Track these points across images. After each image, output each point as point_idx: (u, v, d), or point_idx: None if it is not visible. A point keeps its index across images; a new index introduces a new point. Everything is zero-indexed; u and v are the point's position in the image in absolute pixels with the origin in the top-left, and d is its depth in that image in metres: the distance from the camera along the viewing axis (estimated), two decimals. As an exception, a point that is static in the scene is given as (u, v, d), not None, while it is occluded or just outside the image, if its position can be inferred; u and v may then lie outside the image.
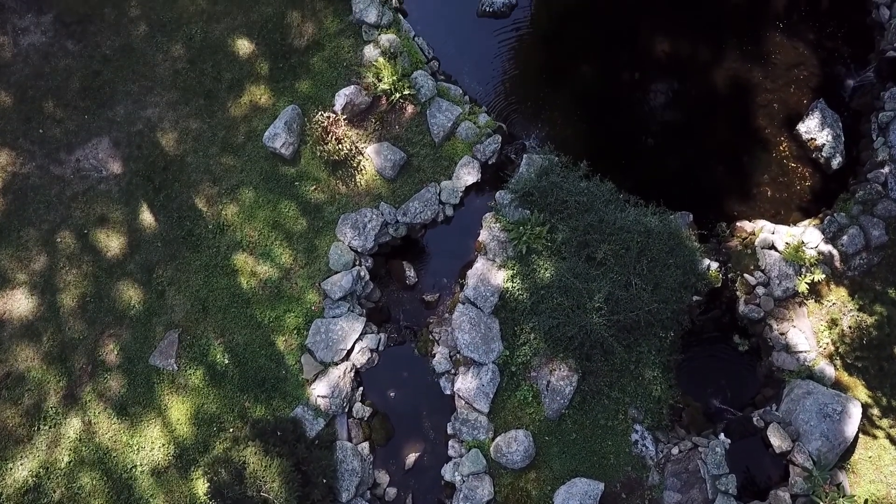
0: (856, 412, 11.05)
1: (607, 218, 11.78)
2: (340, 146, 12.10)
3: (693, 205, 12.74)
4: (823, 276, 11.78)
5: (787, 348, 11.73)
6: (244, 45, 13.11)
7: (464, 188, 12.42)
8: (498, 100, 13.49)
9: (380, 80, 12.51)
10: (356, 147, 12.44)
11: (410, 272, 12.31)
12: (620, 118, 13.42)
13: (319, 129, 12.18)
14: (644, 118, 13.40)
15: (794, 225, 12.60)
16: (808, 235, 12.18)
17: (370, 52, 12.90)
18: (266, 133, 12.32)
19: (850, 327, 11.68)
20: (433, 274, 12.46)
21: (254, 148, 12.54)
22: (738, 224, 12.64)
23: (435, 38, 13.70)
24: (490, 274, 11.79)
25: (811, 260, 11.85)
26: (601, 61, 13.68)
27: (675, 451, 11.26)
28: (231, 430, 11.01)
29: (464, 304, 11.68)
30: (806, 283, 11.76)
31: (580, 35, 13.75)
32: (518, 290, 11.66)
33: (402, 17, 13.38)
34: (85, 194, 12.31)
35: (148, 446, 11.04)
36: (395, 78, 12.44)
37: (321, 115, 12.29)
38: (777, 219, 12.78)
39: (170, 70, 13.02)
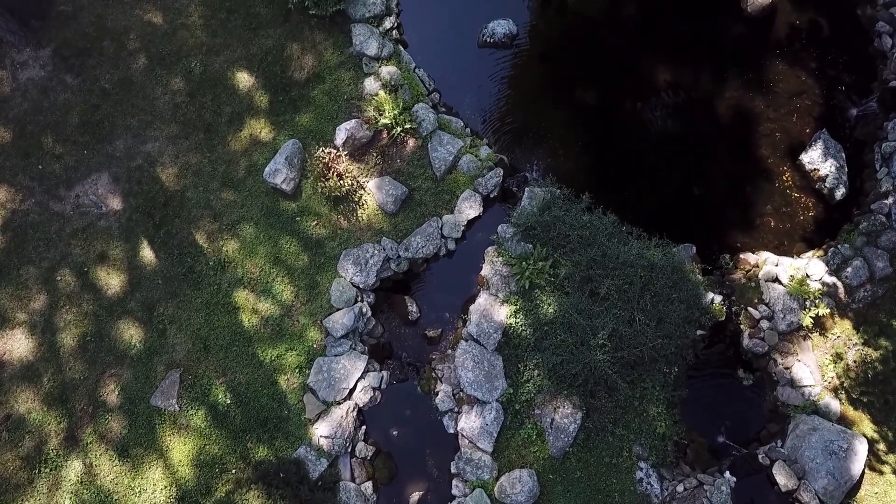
0: (862, 449, 10.98)
1: (610, 252, 11.71)
2: (342, 182, 12.04)
3: (696, 236, 12.69)
4: (828, 309, 11.71)
5: (792, 383, 11.66)
6: (244, 78, 13.05)
7: (466, 222, 12.36)
8: (499, 131, 13.43)
9: (381, 115, 12.45)
10: (357, 182, 12.38)
11: (413, 307, 12.24)
12: (622, 148, 13.35)
13: (321, 166, 12.12)
14: (646, 148, 13.33)
15: (798, 256, 12.54)
16: (812, 267, 12.11)
17: (371, 84, 12.85)
18: (267, 168, 12.25)
19: (854, 361, 11.61)
20: (435, 308, 12.39)
21: (254, 183, 12.47)
22: (741, 256, 12.58)
23: (436, 69, 13.66)
24: (493, 310, 11.72)
25: (815, 293, 11.79)
26: (603, 91, 13.62)
27: (680, 488, 11.18)
28: (234, 471, 10.93)
29: (467, 340, 11.61)
30: (810, 317, 11.69)
31: (582, 65, 13.69)
32: (521, 326, 11.59)
33: (402, 49, 13.33)
34: (85, 231, 12.24)
35: (150, 489, 10.96)
36: (396, 112, 12.39)
37: (322, 150, 12.23)
38: (780, 250, 12.71)
39: (169, 103, 12.96)
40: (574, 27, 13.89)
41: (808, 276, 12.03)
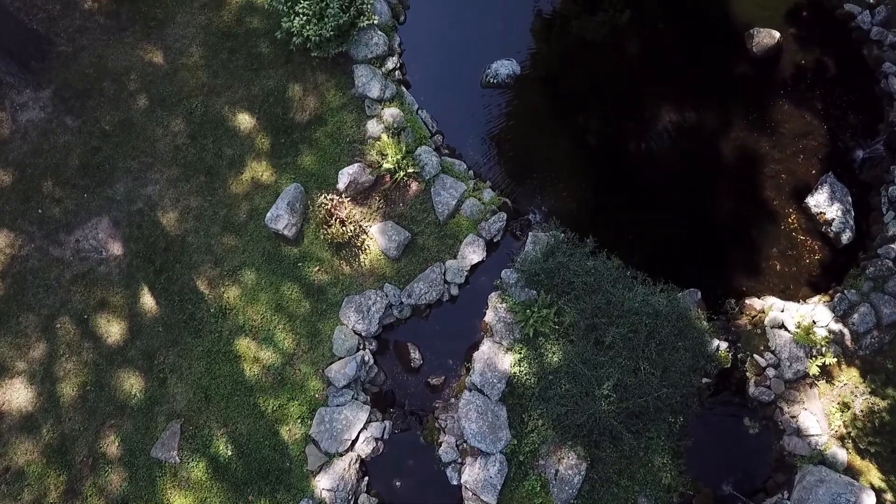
0: (869, 502, 10.87)
1: (615, 299, 11.62)
2: (344, 229, 11.93)
3: (701, 279, 12.59)
4: (834, 358, 11.61)
5: (799, 432, 11.55)
6: (245, 120, 12.94)
7: (469, 267, 12.25)
8: (502, 173, 13.33)
9: (384, 159, 12.35)
10: (360, 226, 12.27)
11: (415, 354, 12.13)
12: (627, 189, 13.24)
13: (323, 212, 12.02)
14: (651, 189, 13.22)
15: (804, 302, 12.44)
16: (819, 314, 12.02)
17: (373, 127, 12.74)
18: (268, 214, 12.14)
19: (862, 411, 11.50)
20: (438, 355, 12.27)
21: (256, 227, 12.37)
22: (747, 301, 12.47)
23: (439, 109, 13.56)
24: (497, 358, 11.61)
25: (822, 341, 11.69)
26: (607, 131, 13.52)
27: (686, 541, 11.08)
28: (235, 525, 10.83)
29: (470, 390, 11.50)
30: (817, 365, 11.59)
31: (586, 105, 13.59)
32: (526, 374, 11.49)
33: (405, 90, 13.22)
34: (85, 277, 12.13)
35: (150, 543, 10.87)
36: (399, 157, 12.29)
37: (325, 197, 12.13)
38: (786, 294, 12.62)
39: (170, 145, 12.86)
40: (578, 67, 13.78)
41: (814, 322, 11.94)
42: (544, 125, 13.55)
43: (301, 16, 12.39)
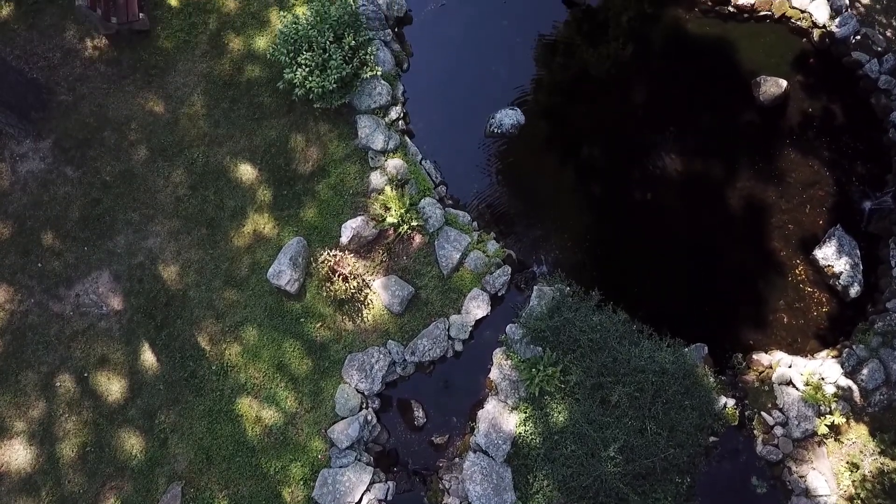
0: (880, 568, 10.74)
1: (621, 357, 11.49)
2: (347, 285, 11.80)
3: (708, 331, 12.50)
4: (843, 418, 11.48)
5: (807, 493, 11.41)
6: (247, 171, 12.82)
7: (473, 322, 12.12)
8: (507, 223, 13.19)
9: (387, 212, 12.22)
10: (363, 280, 12.14)
11: (419, 412, 11.99)
12: (632, 239, 13.11)
13: (326, 269, 11.89)
14: (656, 239, 13.08)
15: (812, 356, 12.31)
16: (827, 370, 11.89)
17: (377, 179, 12.62)
18: (270, 270, 12.01)
19: (871, 471, 11.36)
20: (442, 412, 12.13)
21: (258, 282, 12.24)
22: (754, 356, 12.34)
23: (443, 158, 13.44)
24: (502, 418, 11.47)
25: (830, 399, 11.56)
26: (613, 181, 13.39)
27: None
28: (236, 592, 10.68)
29: (475, 452, 11.36)
30: (826, 424, 11.47)
31: (591, 155, 13.47)
32: (531, 435, 11.35)
33: (408, 140, 13.09)
34: (85, 333, 11.99)
35: None
36: (402, 210, 12.16)
37: (327, 253, 12.00)
38: (794, 347, 12.49)
39: (171, 197, 12.73)
40: (583, 116, 13.65)
41: (822, 378, 11.82)
42: (549, 175, 13.43)
43: (303, 67, 12.26)
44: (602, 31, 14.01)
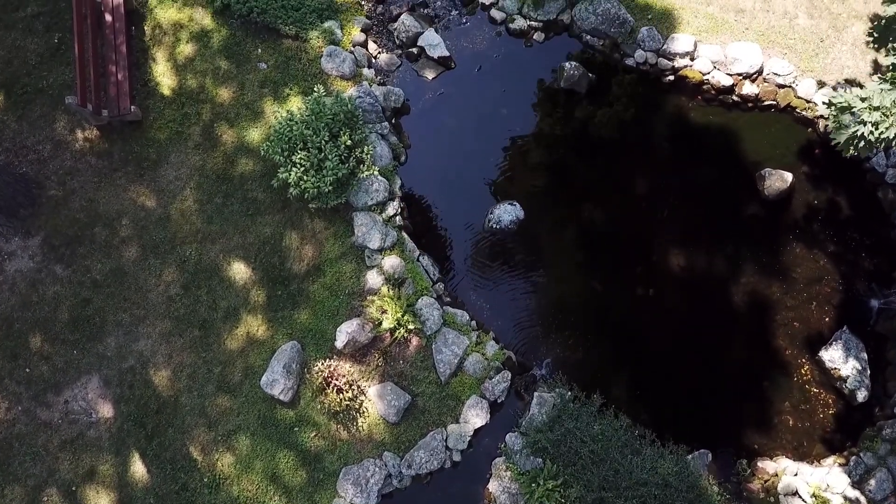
0: None
1: (623, 469, 11.23)
2: (342, 396, 11.52)
3: (711, 435, 12.25)
4: (851, 535, 11.22)
5: None
6: (241, 270, 12.54)
7: (472, 432, 11.83)
8: (506, 320, 12.91)
9: (383, 315, 11.94)
10: (358, 388, 11.86)
11: (416, 525, 11.72)
12: (634, 338, 12.84)
13: (320, 379, 11.61)
14: (658, 337, 12.81)
15: (819, 463, 12.03)
16: (833, 478, 11.62)
17: (373, 279, 12.34)
18: (264, 378, 11.73)
19: (880, 590, 11.08)
20: (440, 523, 11.86)
21: (251, 387, 11.96)
22: (759, 464, 12.06)
23: (440, 252, 13.20)
24: (500, 534, 11.19)
25: (838, 512, 11.30)
26: (614, 276, 13.10)
27: None
28: None
29: (473, 571, 11.09)
30: (833, 541, 11.20)
31: (591, 250, 13.19)
32: (531, 553, 11.07)
33: (405, 236, 12.80)
34: (73, 443, 11.70)
35: None
36: (399, 314, 11.88)
37: (322, 364, 11.73)
38: (799, 451, 12.22)
39: (163, 296, 12.44)
40: (585, 210, 13.38)
41: (828, 487, 11.54)
42: (549, 271, 13.16)
43: (298, 167, 12.00)
44: (603, 120, 13.74)
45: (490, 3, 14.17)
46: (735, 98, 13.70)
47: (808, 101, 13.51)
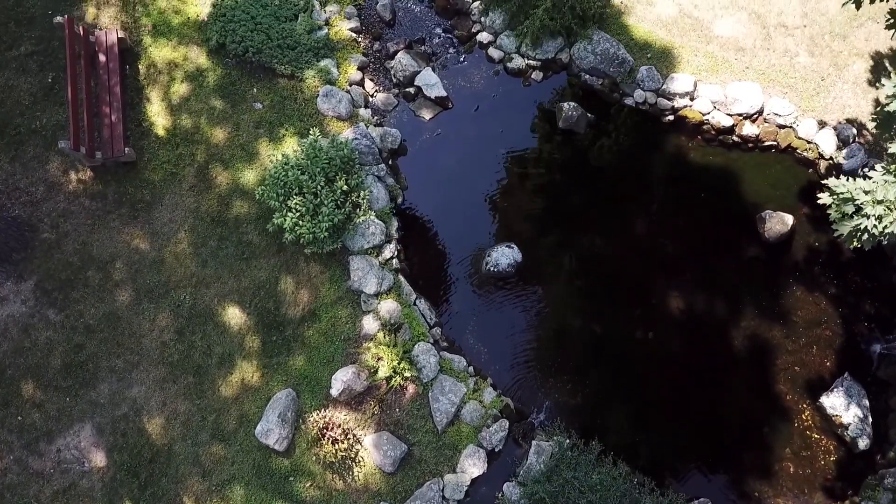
0: None
1: (622, 523, 11.11)
2: (337, 447, 11.38)
3: (711, 481, 12.13)
4: (853, 589, 11.08)
5: None
6: (235, 314, 12.40)
7: (469, 482, 11.69)
8: (504, 365, 12.76)
9: (379, 363, 11.81)
10: (354, 437, 11.72)
11: (412, 576, 11.57)
12: (633, 381, 12.70)
13: (315, 430, 11.47)
14: (657, 381, 12.67)
15: (820, 513, 11.91)
16: (835, 529, 11.48)
17: (369, 324, 12.21)
18: (258, 427, 11.60)
19: None
20: (436, 575, 11.71)
21: (245, 436, 11.82)
22: (760, 513, 11.94)
23: (437, 296, 13.09)
24: (498, 588, 11.06)
25: (839, 565, 11.16)
26: (613, 319, 12.97)
27: None
28: None
29: None
30: None
31: (590, 292, 13.06)
32: None
33: (402, 279, 12.67)
34: (66, 493, 11.56)
35: None
36: (395, 362, 11.75)
37: (317, 415, 11.60)
38: (801, 499, 12.08)
39: (157, 342, 12.31)
40: (583, 252, 13.25)
41: (830, 537, 11.41)
42: (547, 314, 13.02)
43: (294, 212, 11.87)
44: (602, 161, 13.62)
45: (488, 42, 14.04)
46: (735, 138, 13.58)
47: (808, 142, 13.38)
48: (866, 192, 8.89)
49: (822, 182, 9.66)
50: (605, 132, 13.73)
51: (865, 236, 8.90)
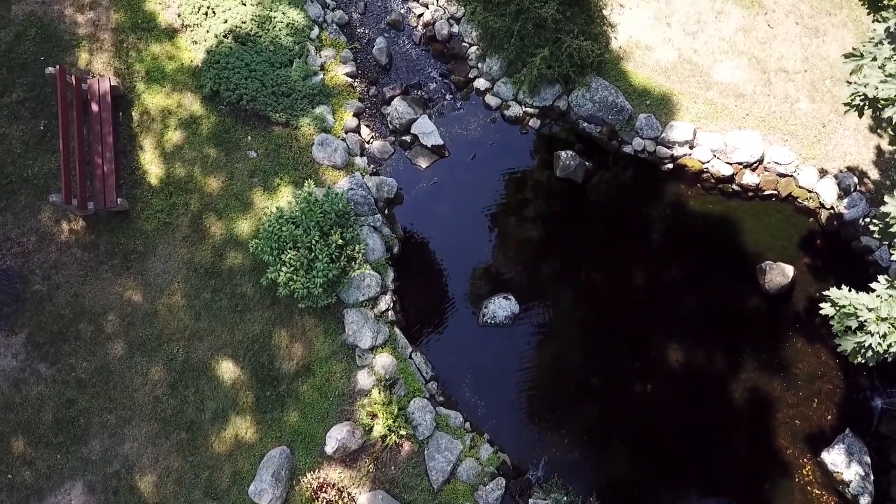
0: None
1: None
2: (331, 509, 11.24)
3: (711, 539, 12.00)
4: None
5: None
6: (229, 369, 12.25)
7: (465, 543, 11.56)
8: (501, 419, 12.61)
9: (374, 420, 11.66)
10: (349, 494, 11.57)
11: None
12: (631, 435, 12.56)
13: (309, 491, 11.32)
14: (656, 435, 12.53)
15: (821, 573, 11.76)
16: (836, 590, 11.33)
17: (364, 379, 12.06)
18: (252, 487, 11.44)
19: None
20: None
21: (239, 494, 11.65)
22: (759, 576, 11.78)
23: (434, 348, 12.95)
24: None
25: None
26: (612, 372, 12.83)
27: None
28: None
29: None
30: None
31: (588, 344, 12.91)
32: None
33: (398, 331, 12.52)
34: (56, 555, 11.42)
35: None
36: (390, 421, 11.59)
37: (311, 475, 11.44)
38: (802, 558, 11.94)
39: (149, 396, 12.15)
40: (581, 303, 13.11)
41: None
42: (545, 367, 12.87)
43: (288, 266, 11.71)
44: (600, 210, 13.48)
45: (485, 89, 13.89)
46: (735, 187, 13.44)
47: (809, 191, 13.24)
48: (870, 310, 8.64)
49: (823, 294, 9.36)
50: (603, 181, 13.59)
51: (870, 353, 8.66)
